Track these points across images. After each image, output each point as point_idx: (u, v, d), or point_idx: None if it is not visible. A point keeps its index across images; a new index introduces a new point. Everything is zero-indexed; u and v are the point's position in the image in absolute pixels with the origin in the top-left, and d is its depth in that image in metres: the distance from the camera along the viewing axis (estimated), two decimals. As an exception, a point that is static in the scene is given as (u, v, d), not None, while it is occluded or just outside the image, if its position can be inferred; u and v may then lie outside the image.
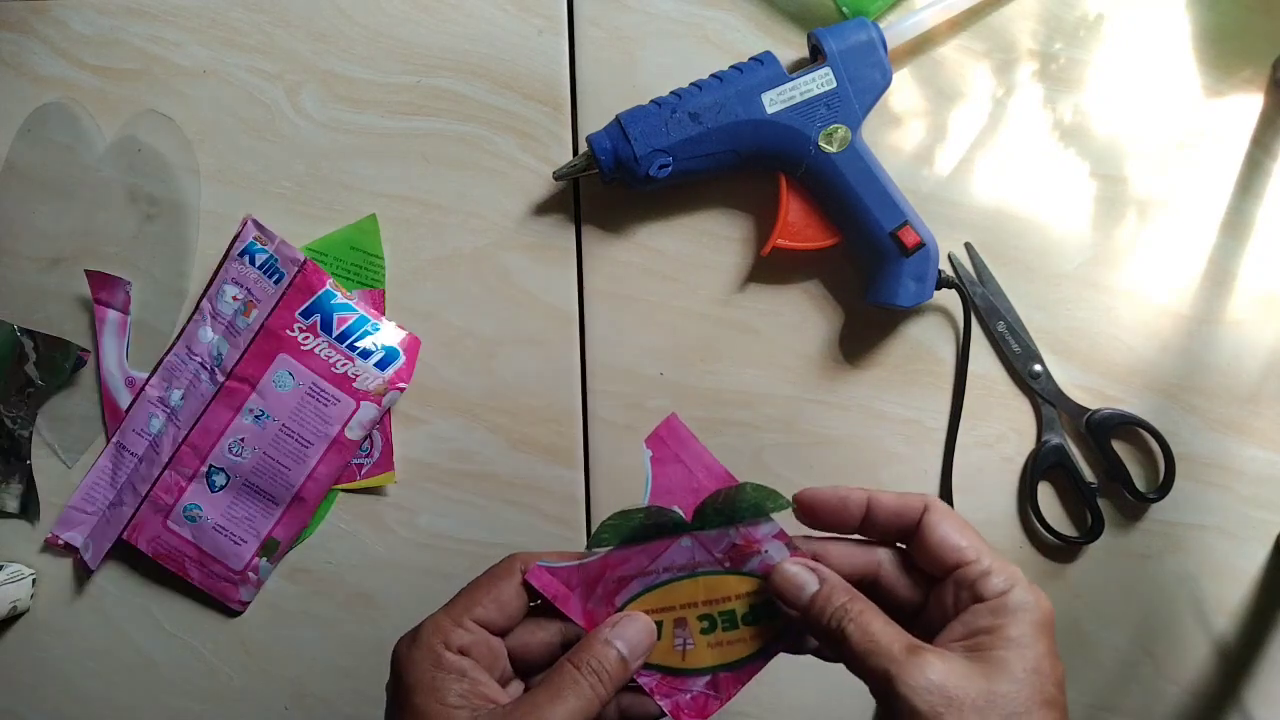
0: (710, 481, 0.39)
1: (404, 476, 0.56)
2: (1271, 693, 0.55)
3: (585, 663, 0.38)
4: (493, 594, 0.39)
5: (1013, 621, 0.35)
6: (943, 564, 0.37)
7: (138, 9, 0.56)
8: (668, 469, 0.40)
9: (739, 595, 0.40)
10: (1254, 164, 0.56)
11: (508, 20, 0.56)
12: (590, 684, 0.37)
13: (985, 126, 0.56)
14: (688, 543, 0.40)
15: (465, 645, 0.38)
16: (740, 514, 0.39)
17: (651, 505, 0.39)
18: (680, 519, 0.40)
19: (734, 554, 0.40)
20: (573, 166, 0.53)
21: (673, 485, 0.40)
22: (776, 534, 0.40)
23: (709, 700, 0.40)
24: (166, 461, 0.55)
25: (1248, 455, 0.55)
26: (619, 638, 0.39)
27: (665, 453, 0.40)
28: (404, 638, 0.39)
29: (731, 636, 0.40)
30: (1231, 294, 0.55)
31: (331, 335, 0.55)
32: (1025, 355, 0.55)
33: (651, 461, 0.40)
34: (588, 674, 0.37)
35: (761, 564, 0.40)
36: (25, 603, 0.56)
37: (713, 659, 0.40)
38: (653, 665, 0.40)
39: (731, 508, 0.39)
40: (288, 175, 0.56)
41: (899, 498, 0.39)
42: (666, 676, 0.40)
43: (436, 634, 0.38)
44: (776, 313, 0.56)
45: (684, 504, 0.39)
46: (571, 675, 0.37)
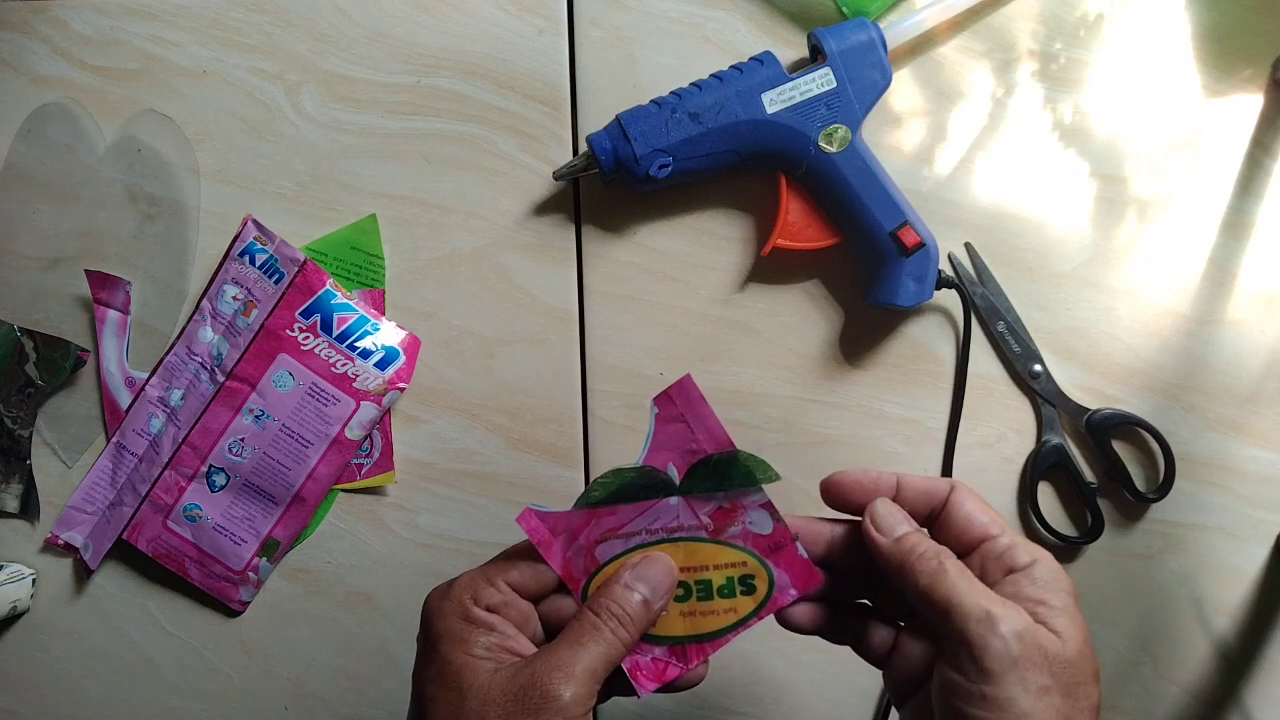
0: (709, 445, 0.39)
1: (404, 476, 0.56)
2: (1271, 693, 0.55)
3: (605, 608, 0.38)
4: (529, 560, 0.39)
5: (1054, 593, 0.36)
6: (969, 538, 0.38)
7: (138, 9, 0.56)
8: (670, 427, 0.40)
9: (717, 565, 0.40)
10: (1254, 164, 0.56)
11: (508, 20, 0.56)
12: (611, 628, 0.37)
13: (985, 126, 0.56)
14: (675, 501, 0.40)
15: (495, 604, 0.38)
16: (731, 480, 0.40)
17: (645, 465, 0.40)
18: (671, 480, 0.40)
19: (718, 517, 0.40)
20: (573, 166, 0.53)
21: (670, 443, 0.40)
22: (763, 504, 0.40)
23: (668, 666, 0.40)
24: (166, 461, 0.55)
25: (1248, 455, 0.55)
26: (640, 579, 0.39)
27: (671, 411, 0.40)
28: (436, 589, 0.39)
29: (704, 608, 0.40)
30: (1231, 294, 0.55)
31: (331, 335, 0.55)
32: (1025, 355, 0.55)
33: (656, 419, 0.40)
34: (608, 619, 0.37)
35: (744, 531, 0.40)
36: (25, 603, 0.56)
37: (682, 628, 0.40)
38: None
39: (723, 473, 0.40)
40: (288, 175, 0.56)
41: (927, 480, 0.40)
42: None
43: (468, 589, 0.38)
44: (776, 313, 0.56)
45: (679, 463, 0.40)
46: (592, 622, 0.37)
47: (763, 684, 0.56)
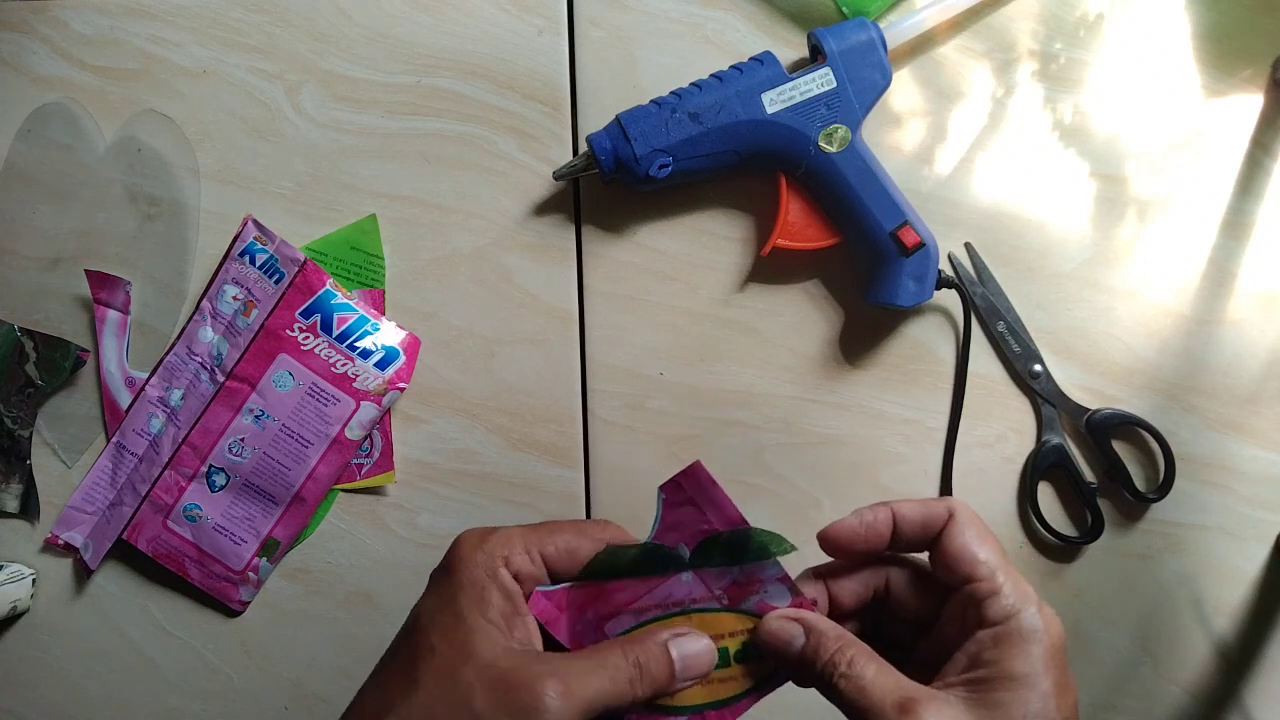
0: (720, 524, 0.38)
1: (404, 476, 0.56)
2: (1271, 693, 0.55)
3: (635, 654, 0.36)
4: (572, 543, 0.38)
5: (1018, 654, 0.34)
6: (956, 575, 0.36)
7: (138, 9, 0.56)
8: (678, 511, 0.39)
9: (732, 633, 0.39)
10: (1254, 164, 0.56)
11: (508, 20, 0.56)
12: (630, 676, 0.36)
13: (985, 126, 0.56)
14: (688, 577, 0.39)
15: (524, 573, 0.37)
16: (745, 556, 0.38)
17: (650, 542, 0.39)
18: (681, 556, 0.39)
19: (733, 591, 0.39)
20: (573, 166, 0.53)
21: (682, 524, 0.39)
22: (780, 577, 0.38)
23: None
24: (166, 461, 0.55)
25: (1248, 455, 0.55)
26: (678, 648, 0.37)
27: (680, 496, 0.38)
28: (473, 532, 0.37)
29: (723, 674, 0.39)
30: (1231, 294, 0.55)
31: (331, 335, 0.55)
32: (1025, 355, 0.55)
33: (664, 504, 0.39)
34: (633, 665, 0.36)
35: (759, 603, 0.39)
36: (25, 603, 0.56)
37: (702, 697, 0.39)
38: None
39: (737, 549, 0.38)
40: (288, 175, 0.56)
41: (923, 506, 0.38)
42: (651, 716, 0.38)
43: (504, 547, 0.37)
44: (776, 313, 0.56)
45: (689, 542, 0.38)
46: (617, 658, 0.36)
47: (763, 684, 0.56)
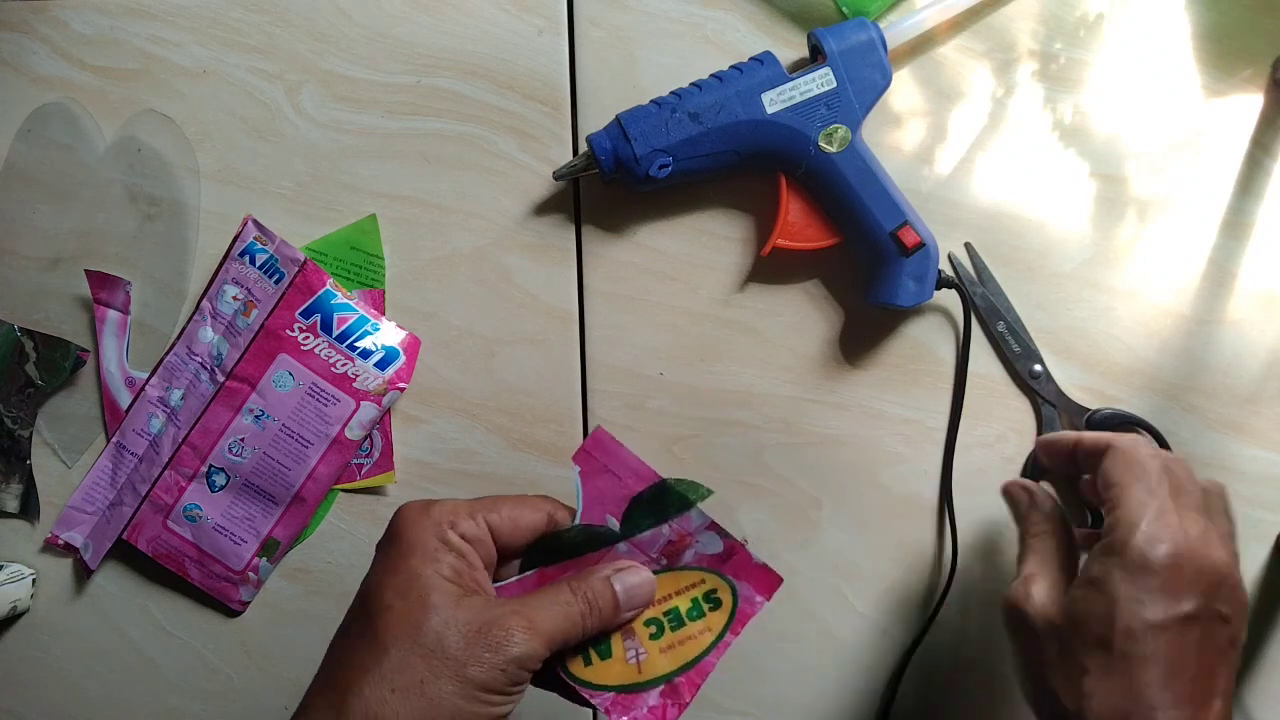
0: (638, 484, 0.40)
1: (404, 476, 0.56)
2: (1271, 693, 0.55)
3: (581, 590, 0.38)
4: (514, 511, 0.39)
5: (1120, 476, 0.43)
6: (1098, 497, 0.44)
7: (138, 9, 0.56)
8: (597, 481, 0.40)
9: (679, 591, 0.40)
10: (1254, 164, 0.56)
11: (508, 20, 0.56)
12: (581, 610, 0.37)
13: (985, 126, 0.56)
14: (624, 548, 0.40)
15: (470, 536, 0.38)
16: (668, 510, 0.40)
17: (582, 524, 0.40)
18: (612, 530, 0.40)
19: (669, 551, 0.40)
20: (573, 166, 0.53)
21: (604, 495, 0.40)
22: (707, 526, 0.40)
23: (667, 708, 0.40)
24: (166, 461, 0.55)
25: (1248, 455, 0.55)
26: (620, 581, 0.39)
27: (593, 465, 0.40)
28: (414, 503, 0.38)
29: (680, 636, 0.40)
30: (1231, 294, 0.55)
31: (331, 335, 0.55)
32: (1025, 355, 0.55)
33: (580, 476, 0.40)
34: (581, 600, 0.38)
35: (696, 556, 0.40)
36: (25, 603, 0.56)
37: (668, 664, 0.40)
38: (609, 685, 0.39)
39: (659, 505, 0.40)
40: (288, 175, 0.56)
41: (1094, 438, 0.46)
42: (621, 695, 0.39)
43: (450, 514, 0.38)
44: (776, 313, 0.56)
45: (616, 512, 0.40)
46: (566, 595, 0.38)
47: (763, 684, 0.56)
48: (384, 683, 0.34)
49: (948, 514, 0.55)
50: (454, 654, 0.34)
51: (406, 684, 0.34)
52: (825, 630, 0.55)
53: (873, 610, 0.56)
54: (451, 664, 0.34)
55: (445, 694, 0.34)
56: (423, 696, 0.34)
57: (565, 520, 0.40)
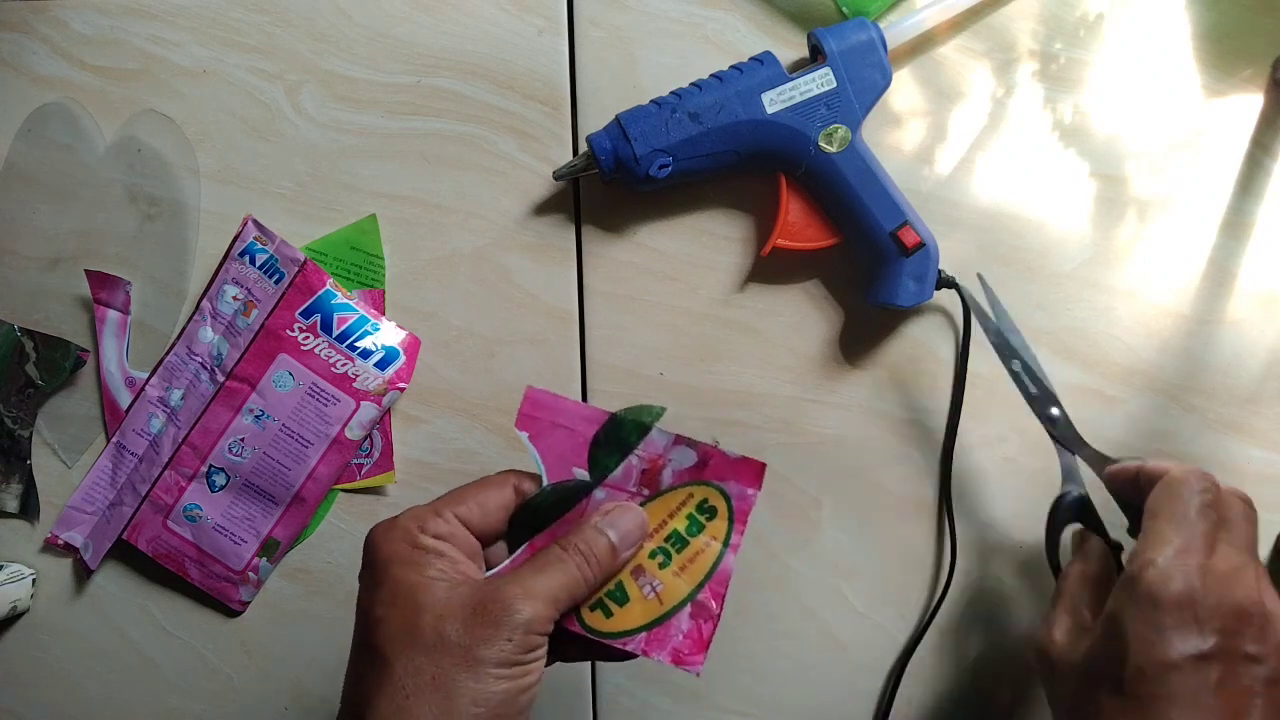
0: (592, 428, 0.39)
1: (404, 476, 0.56)
2: (1271, 693, 0.55)
3: (573, 544, 0.37)
4: (479, 496, 0.39)
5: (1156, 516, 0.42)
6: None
7: (138, 9, 0.56)
8: (550, 439, 0.40)
9: (671, 514, 0.40)
10: (1254, 164, 0.56)
11: (508, 20, 0.56)
12: (576, 563, 0.37)
13: (985, 126, 0.56)
14: (601, 494, 0.40)
15: (443, 534, 0.37)
16: (629, 440, 0.39)
17: (550, 484, 0.39)
18: (584, 480, 0.39)
19: (646, 480, 0.40)
20: (573, 166, 0.53)
21: (562, 450, 0.39)
22: (674, 441, 0.39)
23: (700, 626, 0.39)
24: (166, 461, 0.55)
25: (1248, 455, 0.55)
26: (610, 526, 0.38)
27: (539, 426, 0.40)
28: (379, 524, 0.38)
29: (688, 555, 0.39)
30: (1231, 294, 0.55)
31: (331, 335, 0.55)
32: (1043, 398, 0.51)
33: (530, 440, 0.40)
34: (574, 554, 0.37)
35: (674, 474, 0.39)
36: (25, 603, 0.56)
37: (686, 585, 0.39)
38: (636, 627, 0.39)
39: (617, 440, 0.39)
40: (288, 175, 0.56)
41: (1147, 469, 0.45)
42: (651, 631, 0.39)
43: (414, 520, 0.37)
44: (776, 313, 0.56)
45: (580, 462, 0.39)
46: (557, 554, 0.37)
47: (763, 684, 0.56)
48: (397, 693, 0.34)
49: (947, 514, 0.55)
50: (457, 642, 0.34)
51: (418, 686, 0.33)
52: (825, 630, 0.55)
53: (873, 610, 0.56)
54: (457, 652, 0.34)
55: (460, 683, 0.33)
56: (438, 692, 0.33)
57: (532, 488, 0.40)
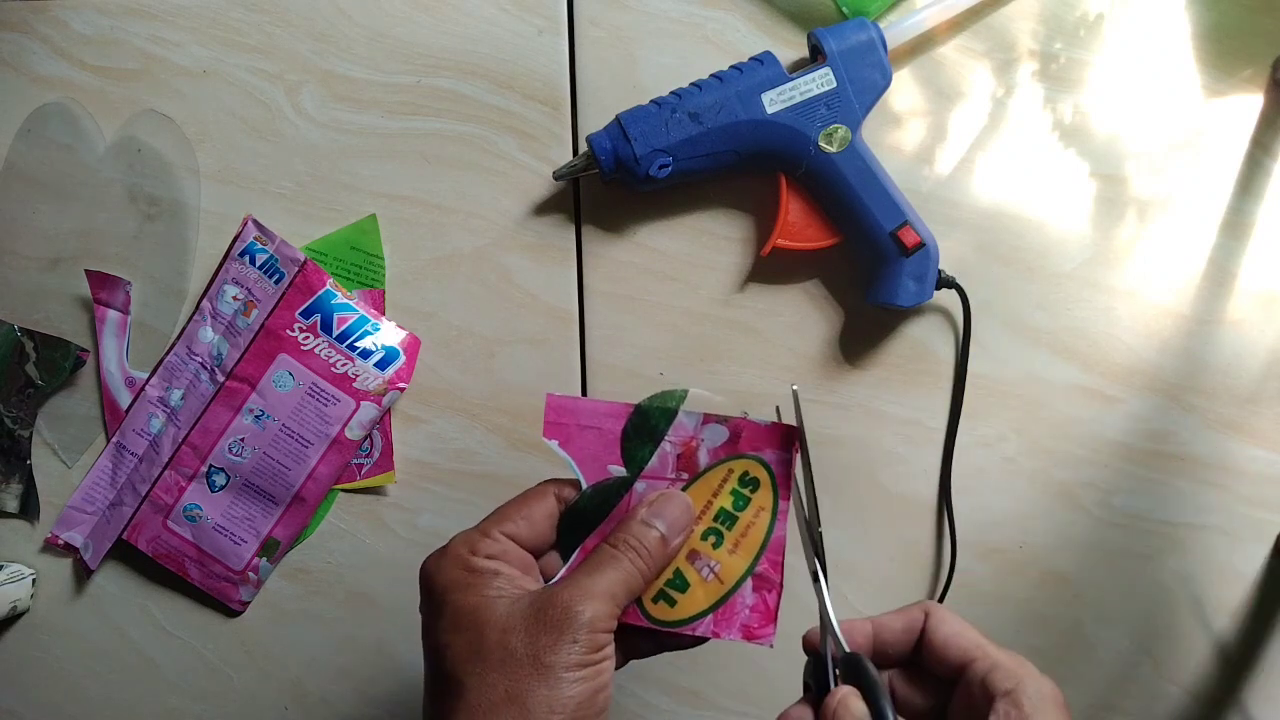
0: (619, 423, 0.40)
1: (404, 476, 0.56)
2: (1271, 693, 0.55)
3: (623, 540, 0.37)
4: (523, 511, 0.39)
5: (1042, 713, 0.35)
6: (950, 665, 0.37)
7: (138, 9, 0.56)
8: (580, 441, 0.40)
9: (716, 492, 0.40)
10: (1254, 164, 0.56)
11: (508, 20, 0.56)
12: (629, 558, 0.37)
13: (985, 126, 0.56)
14: (642, 486, 0.40)
15: (494, 553, 0.37)
16: (658, 428, 0.40)
17: (590, 485, 0.39)
18: (622, 476, 0.39)
19: (683, 465, 0.40)
20: (573, 166, 0.53)
21: (594, 451, 0.40)
22: (704, 420, 0.40)
23: (764, 597, 0.39)
24: (166, 461, 0.55)
25: (1248, 455, 0.55)
26: (656, 515, 0.38)
27: (566, 431, 0.40)
28: (431, 555, 0.38)
29: (740, 529, 0.39)
30: (1231, 294, 0.55)
31: (331, 335, 0.55)
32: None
33: (561, 447, 0.40)
34: (625, 550, 0.37)
35: (710, 453, 0.40)
36: (25, 603, 0.56)
37: (743, 561, 0.39)
38: (701, 611, 0.39)
39: (646, 430, 0.40)
40: (288, 175, 0.56)
41: (901, 615, 0.39)
42: (717, 612, 0.39)
43: (464, 545, 0.37)
44: (776, 313, 0.56)
45: (614, 459, 0.40)
46: (609, 553, 0.37)
47: (763, 684, 0.56)
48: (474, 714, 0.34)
49: (947, 514, 0.55)
50: (524, 653, 0.34)
51: (493, 703, 0.34)
52: (825, 630, 0.55)
53: (872, 610, 0.55)
54: (526, 663, 0.34)
55: (534, 692, 0.33)
56: (514, 705, 0.33)
57: (572, 494, 0.40)
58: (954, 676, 0.37)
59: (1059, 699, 0.36)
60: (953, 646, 0.38)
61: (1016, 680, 0.36)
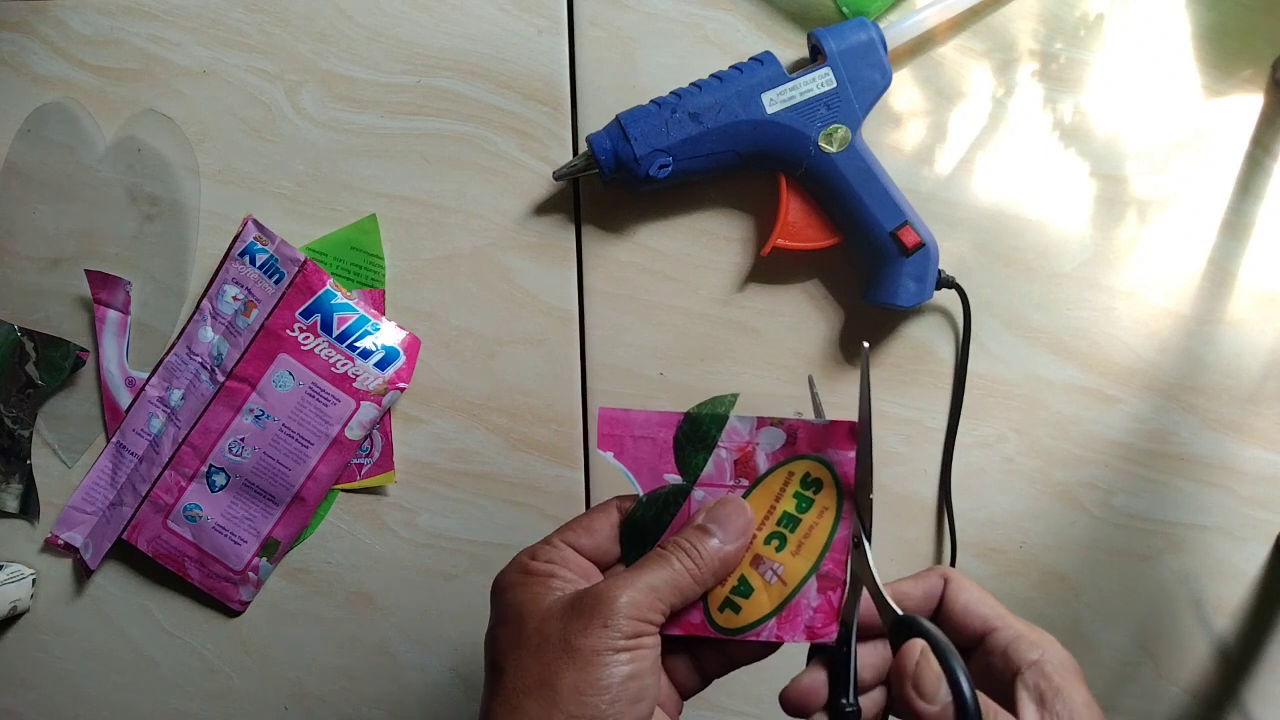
0: (671, 432, 0.39)
1: (404, 476, 0.56)
2: (1271, 693, 0.55)
3: (676, 543, 0.37)
4: (584, 523, 0.39)
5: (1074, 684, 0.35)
6: (971, 632, 0.38)
7: (138, 9, 0.56)
8: (634, 452, 0.39)
9: (778, 496, 0.39)
10: (1254, 164, 0.56)
11: (508, 20, 0.56)
12: (678, 559, 0.37)
13: (985, 126, 0.56)
14: (700, 494, 0.39)
15: (553, 559, 0.37)
16: (711, 435, 0.39)
17: (646, 495, 0.39)
18: (677, 483, 0.39)
19: (740, 469, 0.39)
20: (573, 166, 0.53)
21: (649, 461, 0.39)
22: (758, 424, 0.39)
23: (829, 596, 0.39)
24: (166, 461, 0.55)
25: (1248, 455, 0.55)
26: (712, 520, 0.38)
27: (620, 443, 0.39)
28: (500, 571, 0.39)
29: (803, 531, 0.39)
30: (1231, 294, 0.55)
31: (332, 335, 0.55)
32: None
33: (617, 459, 0.39)
34: (676, 552, 0.37)
35: (768, 457, 0.39)
36: (25, 603, 0.56)
37: (806, 563, 0.39)
38: (766, 615, 0.39)
39: (699, 437, 0.39)
40: (288, 175, 0.56)
41: (919, 581, 0.39)
42: (782, 614, 0.39)
43: (526, 553, 0.38)
44: (776, 313, 0.56)
45: (670, 468, 0.39)
46: (659, 553, 0.37)
47: (763, 684, 0.56)
48: (510, 696, 0.34)
49: (947, 514, 0.55)
50: (556, 637, 0.34)
51: (526, 686, 0.34)
52: (825, 630, 0.55)
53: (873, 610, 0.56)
54: (558, 646, 0.34)
55: (562, 674, 0.34)
56: (544, 687, 0.34)
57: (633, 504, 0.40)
58: (972, 645, 0.38)
59: (1078, 670, 0.36)
60: (973, 614, 0.38)
61: (1041, 650, 0.36)
